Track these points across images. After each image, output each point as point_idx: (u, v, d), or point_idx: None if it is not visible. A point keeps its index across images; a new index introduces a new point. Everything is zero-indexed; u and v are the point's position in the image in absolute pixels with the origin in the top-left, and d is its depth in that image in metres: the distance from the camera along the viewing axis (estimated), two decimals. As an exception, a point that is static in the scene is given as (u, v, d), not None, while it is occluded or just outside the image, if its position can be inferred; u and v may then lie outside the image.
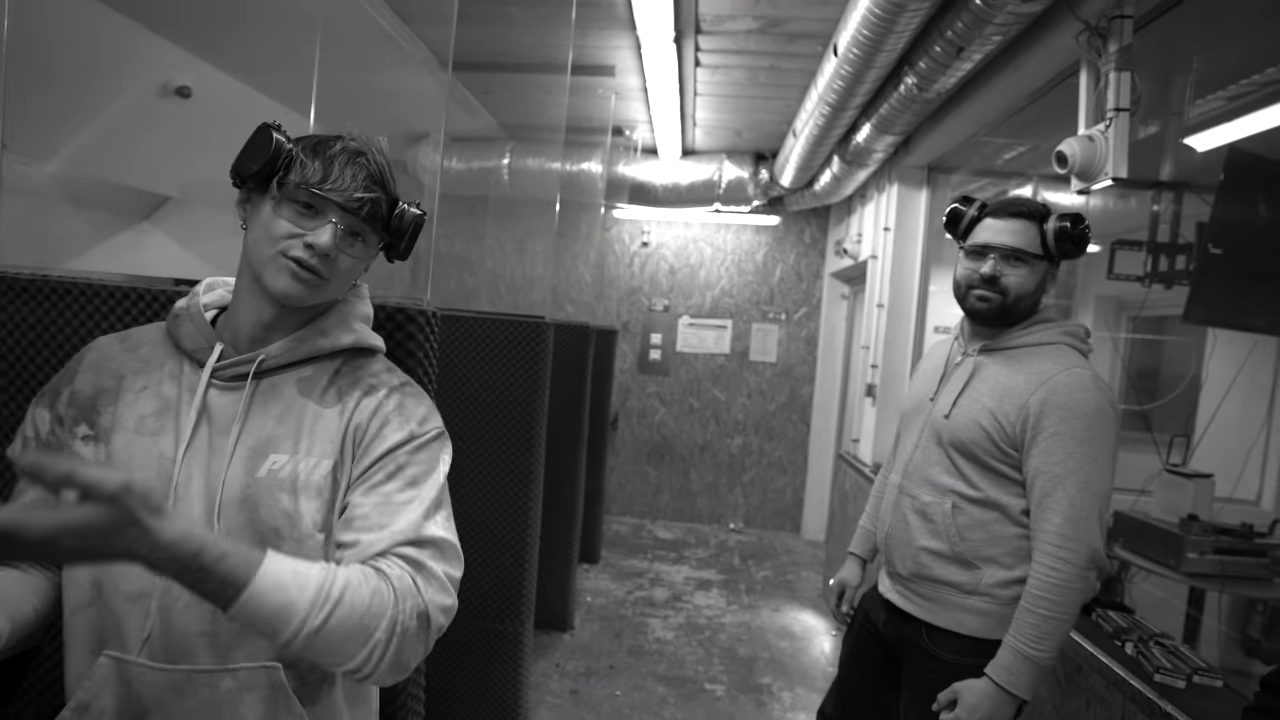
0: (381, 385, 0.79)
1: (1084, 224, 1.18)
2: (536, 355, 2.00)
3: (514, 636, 2.02)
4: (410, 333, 1.05)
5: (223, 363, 0.75)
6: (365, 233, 0.77)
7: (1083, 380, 1.12)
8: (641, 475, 4.95)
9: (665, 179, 4.25)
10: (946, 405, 1.23)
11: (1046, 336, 1.20)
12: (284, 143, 0.74)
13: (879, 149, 2.89)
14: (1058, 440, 1.10)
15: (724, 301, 4.85)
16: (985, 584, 1.17)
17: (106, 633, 0.71)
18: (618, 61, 2.96)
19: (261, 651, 0.71)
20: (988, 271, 1.18)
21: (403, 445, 0.75)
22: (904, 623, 1.27)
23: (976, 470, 1.18)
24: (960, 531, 1.18)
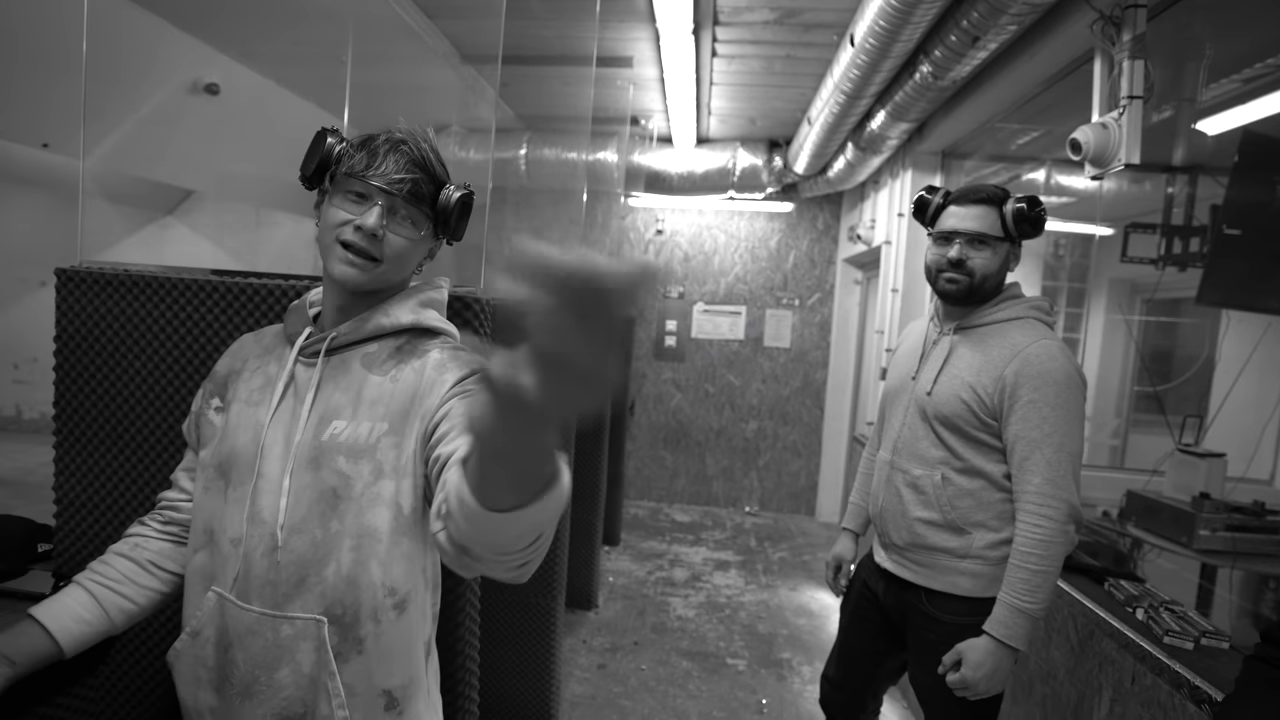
0: (433, 349, 0.84)
1: (1040, 207, 1.26)
2: (566, 342, 2.07)
3: (547, 610, 2.12)
4: (466, 319, 1.13)
5: (307, 341, 0.85)
6: (412, 214, 0.84)
7: (1051, 350, 1.21)
8: (658, 460, 5.04)
9: (680, 167, 4.29)
10: (928, 382, 1.31)
11: (1015, 312, 1.28)
12: (335, 143, 0.83)
13: (893, 136, 2.92)
14: (1033, 407, 1.18)
15: (738, 288, 4.91)
16: (976, 547, 1.26)
17: (216, 571, 0.81)
18: (636, 53, 3.01)
19: (314, 604, 0.78)
20: (954, 255, 1.26)
21: (464, 379, 0.79)
22: (903, 590, 1.35)
23: (960, 441, 1.26)
24: (950, 500, 1.27)
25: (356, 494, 0.79)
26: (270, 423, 0.82)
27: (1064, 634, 1.43)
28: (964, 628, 1.23)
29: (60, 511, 1.35)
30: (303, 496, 0.79)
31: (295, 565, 0.78)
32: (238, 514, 0.81)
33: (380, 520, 0.79)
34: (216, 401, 0.88)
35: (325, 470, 0.79)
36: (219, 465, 0.84)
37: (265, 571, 0.78)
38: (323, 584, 0.78)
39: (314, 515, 0.79)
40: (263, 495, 0.80)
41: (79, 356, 1.30)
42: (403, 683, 0.82)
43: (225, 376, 0.90)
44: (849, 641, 1.50)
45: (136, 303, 1.27)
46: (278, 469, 0.80)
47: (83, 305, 1.29)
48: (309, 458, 0.80)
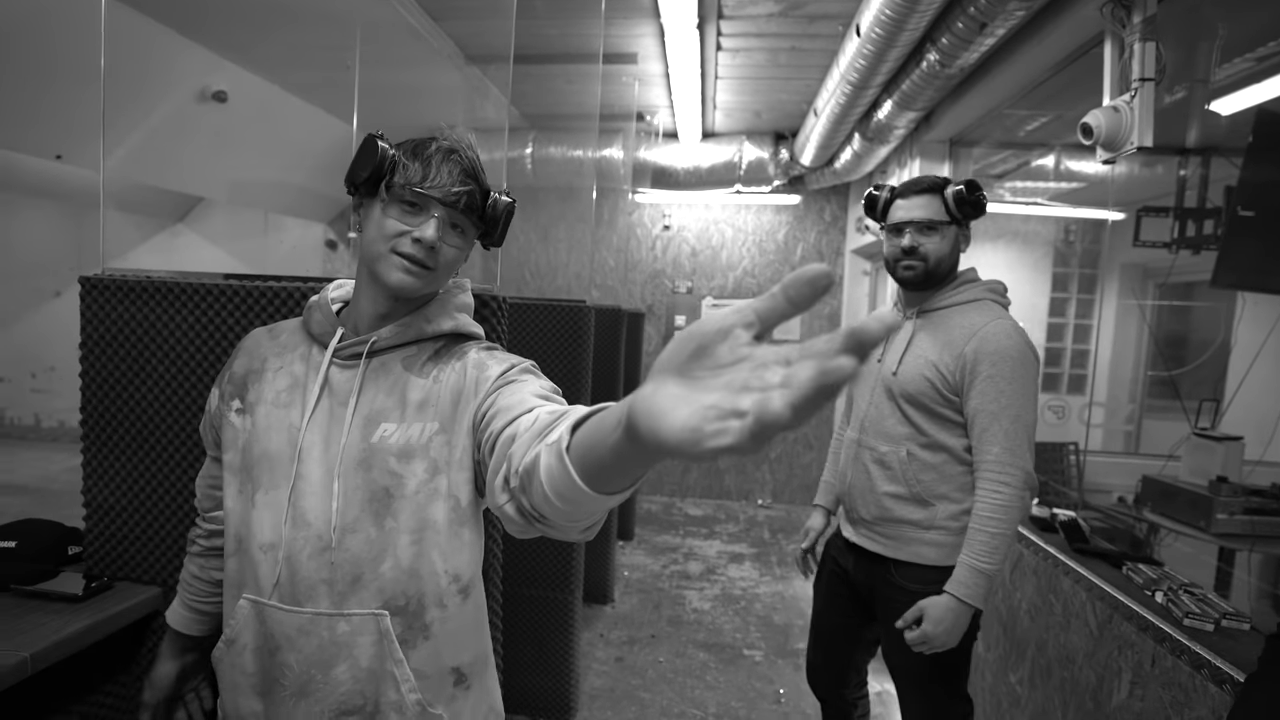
0: (470, 349, 0.87)
1: (978, 190, 1.34)
2: (579, 339, 2.09)
3: (565, 604, 2.14)
4: (484, 316, 1.14)
5: (343, 344, 0.85)
6: (464, 224, 0.85)
7: (1007, 329, 1.29)
8: (670, 455, 5.05)
9: (686, 162, 4.29)
10: (894, 363, 1.39)
11: (973, 294, 1.37)
12: (388, 149, 0.83)
13: (900, 125, 2.91)
14: (991, 382, 1.26)
15: (746, 282, 4.90)
16: (940, 518, 1.34)
17: (246, 578, 0.83)
18: (640, 49, 3.01)
19: (371, 600, 0.80)
20: (907, 244, 1.35)
21: (507, 371, 0.81)
22: (872, 563, 1.43)
23: (925, 418, 1.34)
24: (915, 475, 1.35)
25: (411, 491, 0.81)
26: (307, 426, 0.83)
27: (1082, 618, 1.43)
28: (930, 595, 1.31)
29: (89, 515, 1.37)
30: (354, 497, 0.80)
31: (350, 564, 0.80)
32: (269, 518, 0.82)
33: (439, 513, 0.82)
34: (237, 403, 0.89)
35: (376, 471, 0.80)
36: (248, 469, 0.85)
37: (316, 572, 0.80)
38: (379, 579, 0.80)
39: (367, 515, 0.80)
40: (305, 498, 0.81)
41: (103, 363, 1.33)
42: (471, 659, 0.87)
43: (244, 376, 0.90)
44: (823, 621, 1.58)
45: (157, 308, 1.29)
46: (319, 471, 0.81)
47: (106, 312, 1.32)
48: (358, 460, 0.81)
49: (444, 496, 0.82)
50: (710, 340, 0.31)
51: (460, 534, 0.83)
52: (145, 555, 1.35)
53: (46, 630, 1.15)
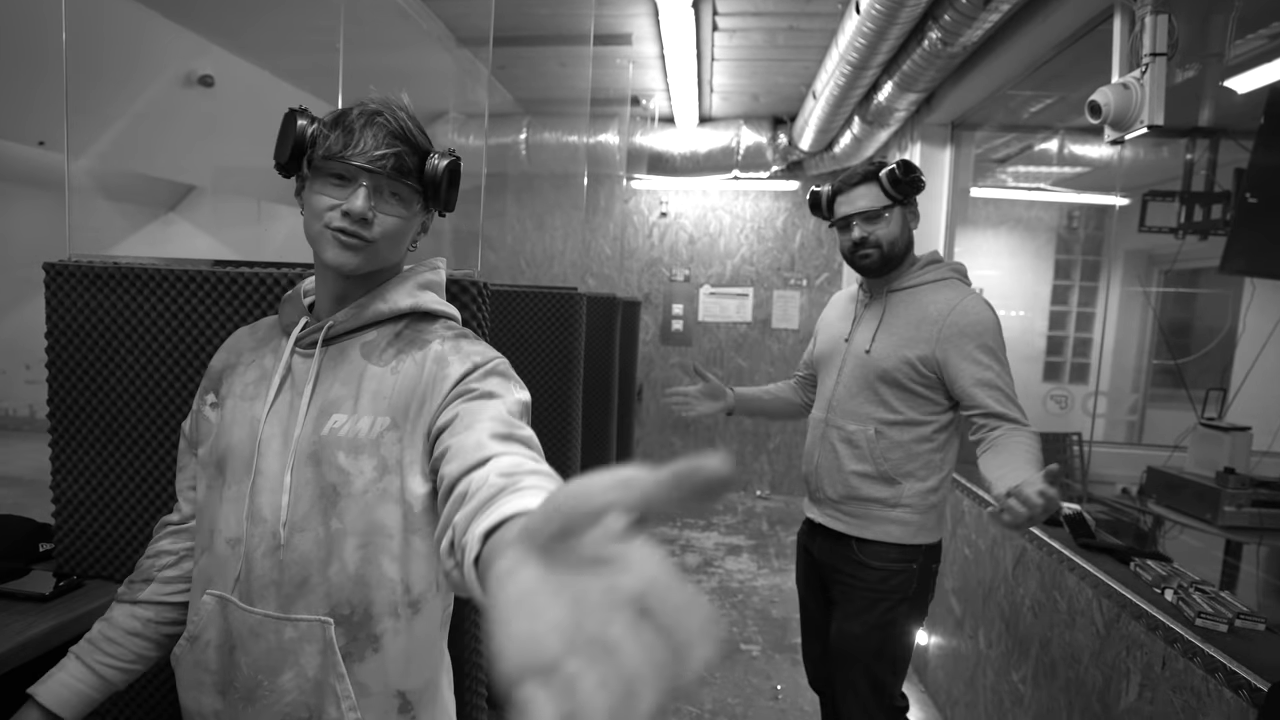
0: (435, 338, 0.80)
1: (913, 171, 1.36)
2: (570, 327, 2.03)
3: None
4: (464, 303, 1.09)
5: (304, 331, 0.81)
6: (399, 190, 0.79)
7: (979, 303, 1.34)
8: (667, 445, 5.01)
9: (683, 147, 4.22)
10: (866, 341, 1.41)
11: (940, 274, 1.41)
12: (306, 124, 0.78)
13: (901, 108, 2.84)
14: (983, 352, 1.30)
15: (745, 269, 4.84)
16: (906, 496, 1.36)
17: (213, 574, 0.78)
18: (635, 29, 2.93)
19: (319, 605, 0.75)
20: (857, 236, 1.39)
21: (469, 374, 0.75)
22: (836, 542, 1.44)
23: (898, 395, 1.37)
24: (883, 453, 1.37)
25: (358, 490, 0.75)
26: (267, 417, 0.79)
27: (1088, 616, 1.38)
28: (893, 573, 1.37)
29: (59, 511, 1.33)
30: (304, 493, 0.76)
31: (298, 564, 0.75)
32: (234, 513, 0.78)
33: (389, 517, 0.76)
34: (211, 398, 0.86)
35: (325, 465, 0.75)
36: (216, 463, 0.81)
37: (269, 571, 0.76)
38: (326, 584, 0.75)
39: (315, 512, 0.76)
40: (262, 493, 0.77)
41: (71, 352, 1.28)
42: (419, 685, 0.80)
43: (220, 372, 0.87)
44: (807, 611, 1.59)
45: (127, 296, 1.24)
46: (277, 465, 0.77)
47: (73, 300, 1.27)
48: (309, 453, 0.76)
49: (395, 499, 0.76)
50: (577, 524, 0.25)
51: (412, 542, 0.77)
52: (117, 553, 1.30)
53: (9, 632, 1.10)
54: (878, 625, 1.38)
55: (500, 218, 4.96)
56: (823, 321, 1.60)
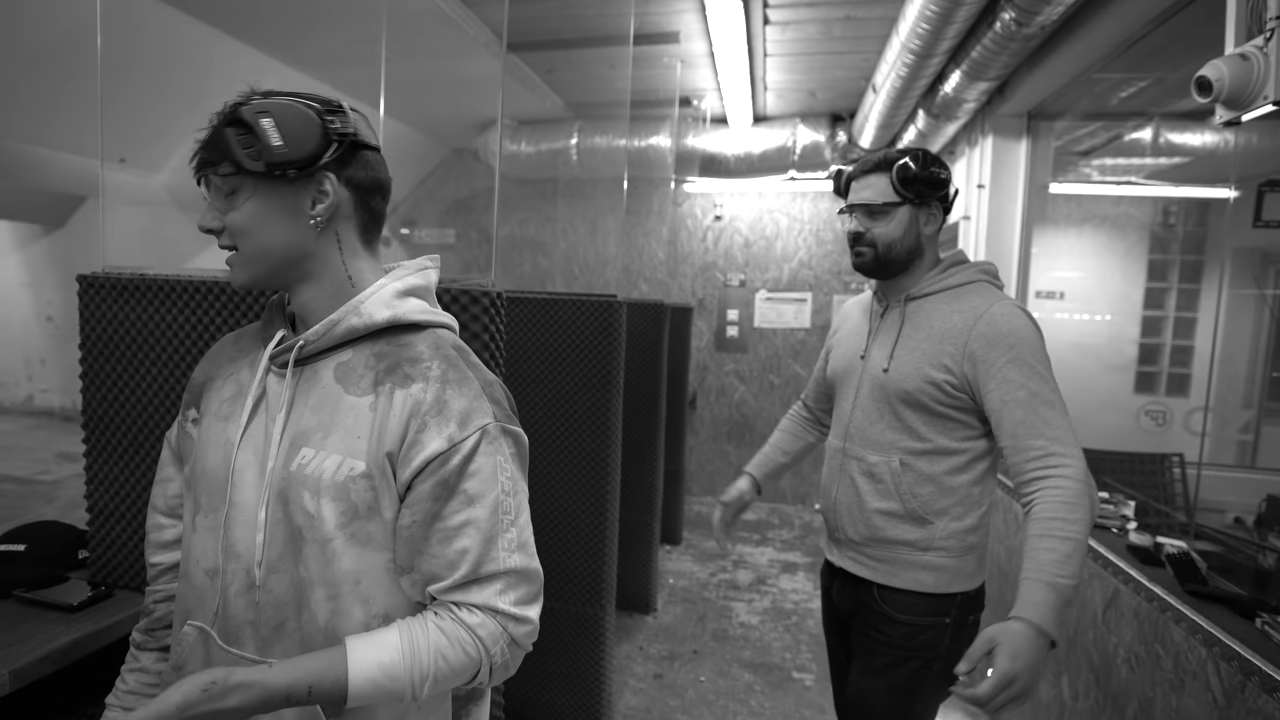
0: (418, 377, 0.69)
1: (932, 163, 1.17)
2: (610, 335, 1.95)
3: (596, 619, 2.01)
4: (475, 314, 1.01)
5: (278, 348, 0.73)
6: (219, 181, 0.68)
7: (1013, 310, 1.14)
8: (722, 455, 4.86)
9: (737, 149, 4.08)
10: (883, 358, 1.22)
11: (965, 277, 1.21)
12: None
13: (970, 98, 2.63)
14: (1014, 368, 1.09)
15: (803, 274, 4.65)
16: (939, 538, 1.17)
17: (192, 604, 0.73)
18: (682, 26, 2.84)
19: (293, 651, 0.69)
20: (851, 228, 1.23)
21: (443, 455, 0.67)
22: (856, 588, 1.26)
23: (924, 419, 1.17)
24: (910, 488, 1.18)
25: (322, 537, 0.67)
26: (241, 443, 0.72)
27: (1201, 680, 1.18)
28: (921, 629, 1.17)
29: (93, 519, 1.34)
30: (277, 532, 0.69)
31: (274, 607, 0.69)
32: (211, 542, 0.72)
33: (362, 563, 0.68)
34: (193, 413, 0.81)
35: (292, 505, 0.68)
36: (190, 485, 0.77)
37: (244, 611, 0.70)
38: (300, 630, 0.69)
39: (288, 554, 0.69)
40: (236, 526, 0.70)
41: (103, 362, 1.28)
42: None
43: (201, 384, 0.81)
44: (835, 659, 1.42)
45: (158, 307, 1.24)
46: (252, 497, 0.70)
47: (105, 311, 1.27)
48: (279, 489, 0.69)
49: (369, 544, 0.68)
50: None
51: (397, 592, 0.71)
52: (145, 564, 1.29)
53: (32, 644, 1.10)
54: (902, 687, 1.18)
55: (552, 223, 4.95)
56: (836, 334, 1.41)
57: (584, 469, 1.98)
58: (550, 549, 2.01)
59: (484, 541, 0.67)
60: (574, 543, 2.00)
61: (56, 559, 1.38)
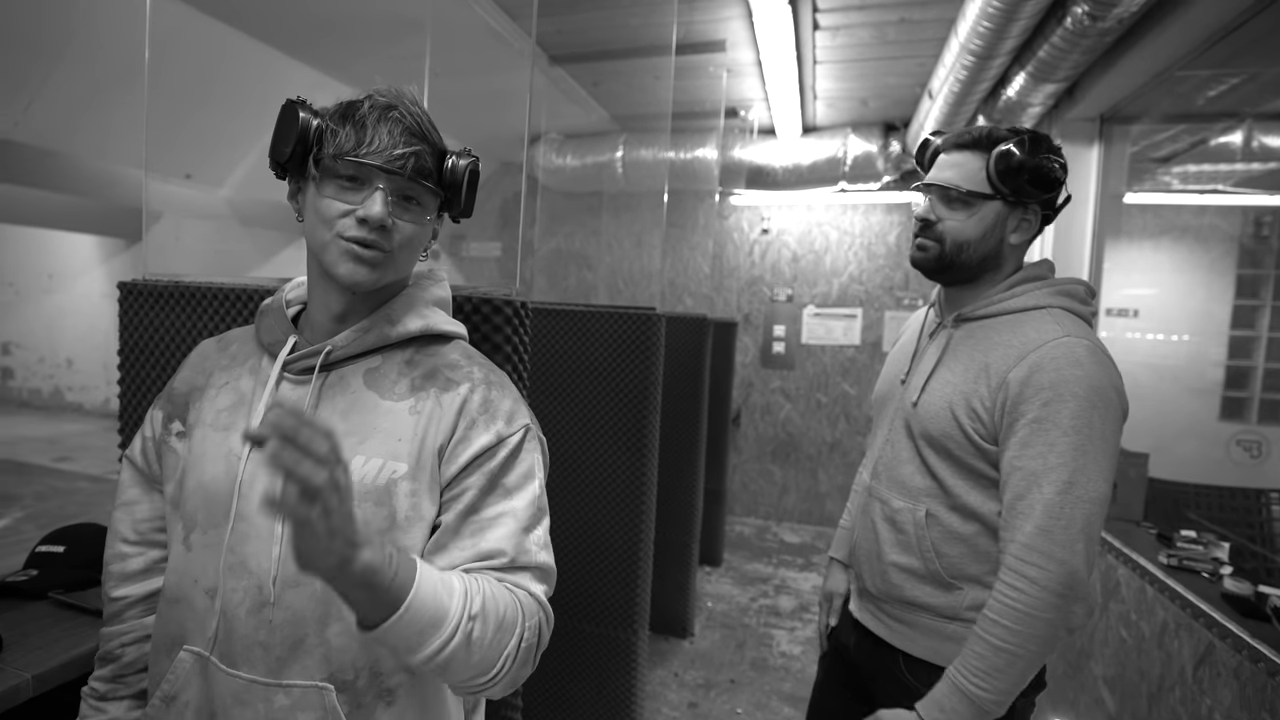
0: (462, 379, 0.71)
1: (1044, 150, 0.93)
2: (648, 349, 1.88)
3: (628, 644, 1.93)
4: (497, 324, 0.96)
5: (294, 354, 0.72)
6: (417, 193, 0.69)
7: (1076, 353, 0.89)
8: (766, 474, 4.72)
9: (785, 160, 3.99)
10: (915, 390, 1.02)
11: (1035, 299, 0.97)
12: (310, 117, 0.68)
13: (1035, 102, 2.48)
14: (1038, 429, 0.87)
15: (853, 289, 4.49)
16: (967, 607, 0.97)
17: (188, 627, 0.69)
18: (728, 34, 2.78)
19: (316, 669, 0.66)
20: (919, 214, 1.01)
21: (490, 449, 0.69)
22: (876, 648, 1.07)
23: (952, 470, 0.97)
24: (935, 545, 0.98)
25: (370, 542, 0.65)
26: (249, 453, 0.69)
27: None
28: None
29: (127, 526, 1.35)
30: None
31: (291, 624, 0.66)
32: (210, 562, 0.69)
33: None
34: (178, 425, 0.77)
35: None
36: (184, 504, 0.72)
37: (253, 632, 0.66)
38: (325, 645, 0.66)
39: None
40: (246, 541, 0.67)
41: (141, 366, 1.30)
42: None
43: (186, 395, 0.78)
44: (819, 702, 1.22)
45: (195, 313, 1.24)
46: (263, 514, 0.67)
47: (143, 317, 1.28)
48: None
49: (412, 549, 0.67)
50: None
51: None
52: (171, 572, 1.29)
53: (59, 649, 1.10)
54: None
55: (597, 237, 4.94)
56: (893, 349, 1.20)
57: (619, 486, 1.92)
58: (582, 569, 1.94)
59: (520, 532, 0.68)
60: (607, 563, 1.93)
61: (94, 562, 1.38)
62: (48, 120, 3.05)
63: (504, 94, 3.25)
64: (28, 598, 1.22)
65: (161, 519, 0.79)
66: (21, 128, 3.02)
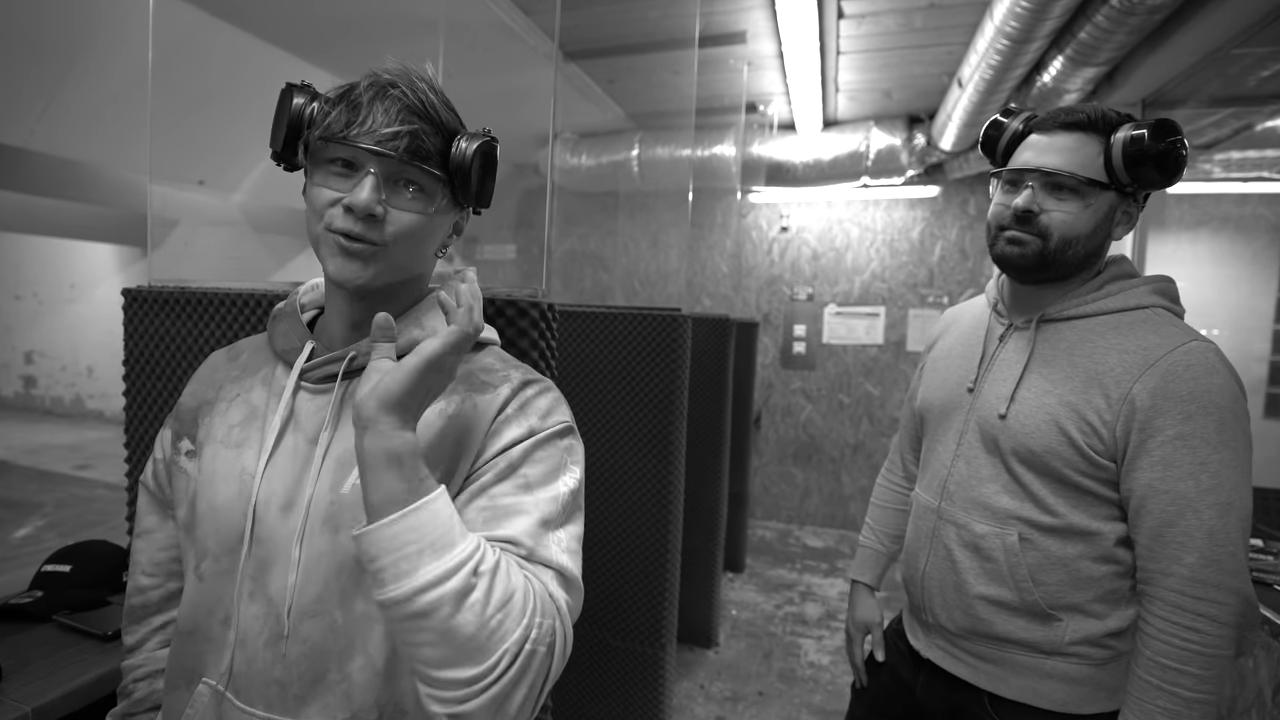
0: (498, 382, 0.65)
1: (1174, 135, 0.81)
2: (674, 351, 1.81)
3: (655, 659, 1.85)
4: (523, 328, 0.89)
5: (311, 363, 0.65)
6: (416, 177, 0.62)
7: (1209, 360, 0.80)
8: (788, 477, 4.62)
9: (805, 155, 3.89)
10: (999, 400, 0.91)
11: (1135, 299, 0.87)
12: (305, 101, 0.62)
13: (1073, 88, 2.37)
14: (1183, 446, 0.78)
15: (875, 286, 4.38)
16: (1070, 641, 0.87)
17: (207, 661, 0.63)
18: (749, 25, 2.70)
19: (337, 707, 0.59)
20: (1022, 204, 0.87)
21: (519, 442, 0.62)
22: (953, 690, 0.96)
23: (1053, 488, 0.87)
24: (1031, 573, 0.88)
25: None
26: (264, 471, 0.63)
27: None
28: None
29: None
30: (317, 569, 0.60)
31: (309, 658, 0.59)
32: (226, 589, 0.63)
33: None
34: (187, 444, 0.70)
35: (344, 534, 0.60)
36: (189, 528, 0.66)
37: (269, 666, 0.60)
38: (347, 682, 0.59)
39: (332, 593, 0.60)
40: (263, 567, 0.62)
41: (146, 374, 1.24)
42: None
43: (195, 411, 0.71)
44: None
45: (198, 318, 1.18)
46: (281, 532, 0.61)
47: (149, 324, 1.23)
48: (324, 517, 0.61)
49: None
50: None
51: None
52: (181, 592, 1.23)
53: (61, 677, 1.04)
54: None
55: (613, 237, 4.87)
56: (938, 351, 1.07)
57: (645, 495, 1.84)
58: (607, 581, 1.87)
59: (539, 525, 0.59)
60: (633, 575, 1.86)
61: (101, 581, 1.34)
62: (63, 129, 3.04)
63: (519, 92, 3.19)
64: (33, 620, 1.17)
65: (178, 547, 0.73)
66: (37, 136, 3.00)
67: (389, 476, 0.51)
